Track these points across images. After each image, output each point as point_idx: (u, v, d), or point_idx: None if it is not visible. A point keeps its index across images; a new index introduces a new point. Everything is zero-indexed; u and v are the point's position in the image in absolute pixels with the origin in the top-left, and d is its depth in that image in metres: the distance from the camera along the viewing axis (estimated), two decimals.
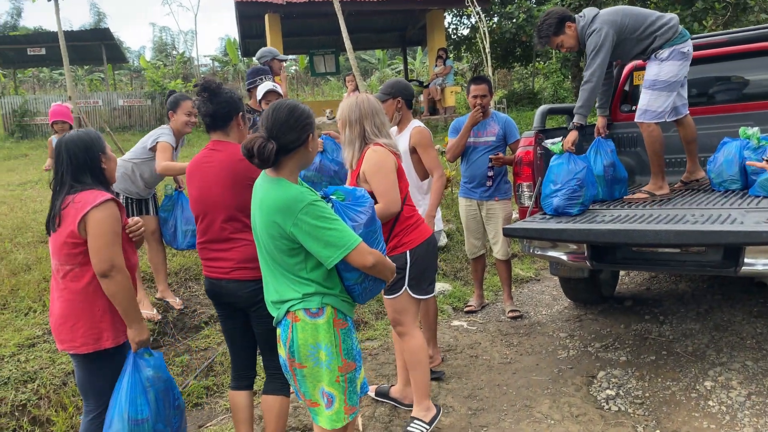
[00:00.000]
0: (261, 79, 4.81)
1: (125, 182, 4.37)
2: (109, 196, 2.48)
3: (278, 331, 2.36)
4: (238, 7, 13.16)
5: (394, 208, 2.99)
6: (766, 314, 4.47)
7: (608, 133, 4.68)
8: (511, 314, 5.00)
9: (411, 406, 3.37)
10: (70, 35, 16.20)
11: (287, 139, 2.18)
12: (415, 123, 3.83)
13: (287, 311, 2.28)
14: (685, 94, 4.28)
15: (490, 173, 4.69)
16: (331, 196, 2.35)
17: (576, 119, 4.12)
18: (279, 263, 2.27)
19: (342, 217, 2.26)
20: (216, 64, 29.69)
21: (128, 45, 47.17)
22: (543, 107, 4.48)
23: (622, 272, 5.82)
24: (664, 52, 4.05)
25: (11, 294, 4.58)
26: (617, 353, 4.10)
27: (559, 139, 3.97)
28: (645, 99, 4.15)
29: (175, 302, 4.74)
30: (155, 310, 4.54)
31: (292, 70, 30.38)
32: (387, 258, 2.34)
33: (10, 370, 3.62)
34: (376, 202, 2.85)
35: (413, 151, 3.81)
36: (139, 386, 2.51)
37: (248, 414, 2.95)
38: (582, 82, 4.16)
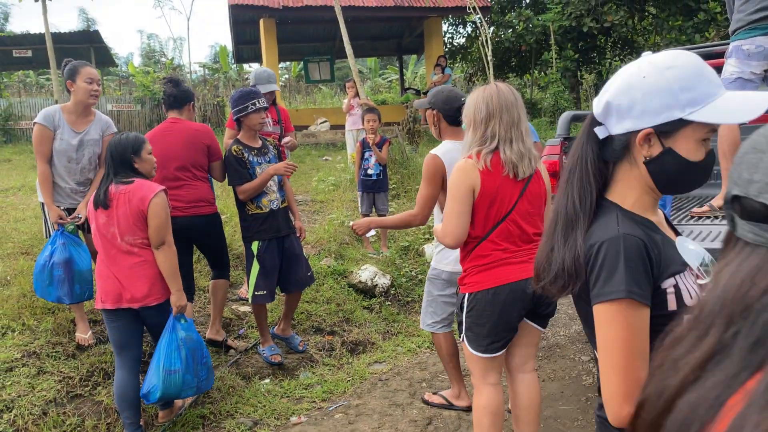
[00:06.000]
0: (253, 105, 3.83)
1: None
2: (162, 187, 3.09)
3: None
4: (231, 11, 12.83)
5: (446, 240, 2.48)
6: None
7: None
8: None
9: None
10: (57, 37, 15.73)
11: None
12: (443, 144, 3.09)
13: None
14: None
15: None
16: None
17: None
18: None
19: None
20: (206, 71, 29.27)
21: (116, 51, 46.76)
22: (567, 113, 4.19)
23: None
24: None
25: None
26: None
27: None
28: None
29: (83, 337, 3.82)
30: (90, 333, 3.86)
31: (284, 78, 30.01)
32: None
33: None
34: None
35: None
36: (175, 344, 3.05)
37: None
38: None
